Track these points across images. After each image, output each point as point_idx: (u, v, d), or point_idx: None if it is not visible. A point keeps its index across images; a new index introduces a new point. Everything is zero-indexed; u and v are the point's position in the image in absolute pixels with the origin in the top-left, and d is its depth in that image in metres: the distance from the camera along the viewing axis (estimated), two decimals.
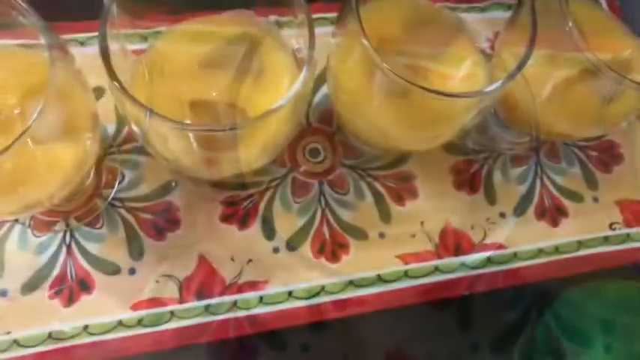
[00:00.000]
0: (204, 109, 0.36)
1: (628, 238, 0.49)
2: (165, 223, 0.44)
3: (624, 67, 0.40)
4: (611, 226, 0.49)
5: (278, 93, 0.37)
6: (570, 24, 0.34)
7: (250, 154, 0.36)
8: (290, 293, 0.44)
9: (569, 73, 0.39)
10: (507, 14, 0.38)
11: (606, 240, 0.49)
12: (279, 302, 0.43)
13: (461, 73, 0.39)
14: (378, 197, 0.47)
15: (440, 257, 0.46)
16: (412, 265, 0.46)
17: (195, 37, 0.39)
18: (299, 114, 0.36)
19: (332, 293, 0.44)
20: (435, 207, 0.48)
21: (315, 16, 0.48)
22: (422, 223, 0.47)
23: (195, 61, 0.37)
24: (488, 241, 0.47)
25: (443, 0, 0.40)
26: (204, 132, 0.32)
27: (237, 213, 0.45)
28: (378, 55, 0.32)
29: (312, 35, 0.33)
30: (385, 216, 0.47)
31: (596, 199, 0.50)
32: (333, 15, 0.52)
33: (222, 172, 0.41)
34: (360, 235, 0.46)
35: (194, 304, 0.43)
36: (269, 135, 0.35)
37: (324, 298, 0.44)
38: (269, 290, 0.44)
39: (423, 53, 0.38)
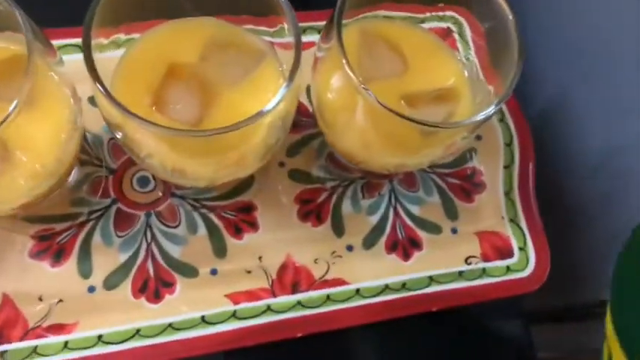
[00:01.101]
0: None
1: (484, 273, 0.46)
2: None
3: (446, 96, 0.37)
4: (467, 260, 0.47)
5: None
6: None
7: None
8: (100, 337, 0.40)
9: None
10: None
11: (460, 275, 0.46)
12: (86, 347, 0.39)
13: (264, 96, 0.36)
14: (212, 230, 0.44)
15: (274, 295, 0.43)
16: (242, 305, 0.42)
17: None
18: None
19: (147, 337, 0.40)
20: (275, 239, 0.45)
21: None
22: (260, 257, 0.44)
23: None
24: (330, 276, 0.44)
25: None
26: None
27: (51, 248, 0.42)
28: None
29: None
30: (220, 250, 0.44)
31: (454, 231, 0.47)
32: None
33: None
34: (190, 272, 0.43)
35: None
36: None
37: (137, 343, 0.40)
38: (76, 334, 0.40)
39: (221, 77, 0.35)
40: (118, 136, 0.34)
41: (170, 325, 0.41)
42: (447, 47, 0.40)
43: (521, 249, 0.47)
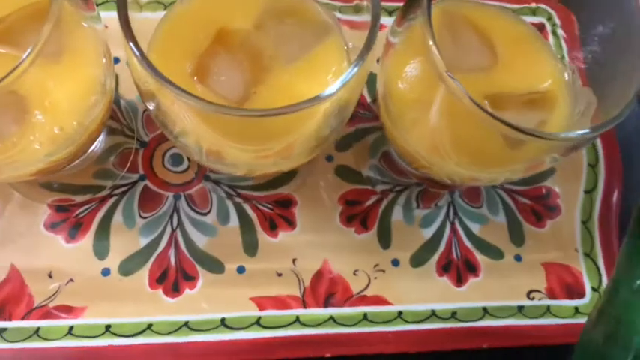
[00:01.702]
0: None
1: (547, 311, 0.40)
2: None
3: (540, 101, 0.31)
4: (529, 294, 0.40)
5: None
6: (430, 42, 0.25)
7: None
8: (108, 327, 0.36)
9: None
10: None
11: (520, 311, 0.40)
12: (92, 336, 0.35)
13: (323, 78, 0.30)
14: (245, 222, 0.39)
15: (305, 306, 0.38)
16: (268, 312, 0.37)
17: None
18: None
19: (159, 334, 0.36)
20: (313, 242, 0.39)
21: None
22: (294, 260, 0.39)
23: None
24: (370, 292, 0.39)
25: None
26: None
27: (67, 221, 0.38)
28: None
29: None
30: (250, 246, 0.39)
31: (518, 258, 0.41)
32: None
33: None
34: (215, 266, 0.38)
35: None
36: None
37: (148, 339, 0.36)
38: (83, 320, 0.36)
39: (276, 51, 0.30)
40: (150, 107, 0.29)
41: (186, 323, 0.36)
42: (546, 43, 0.33)
43: (594, 289, 0.41)
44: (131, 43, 0.25)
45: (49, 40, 0.24)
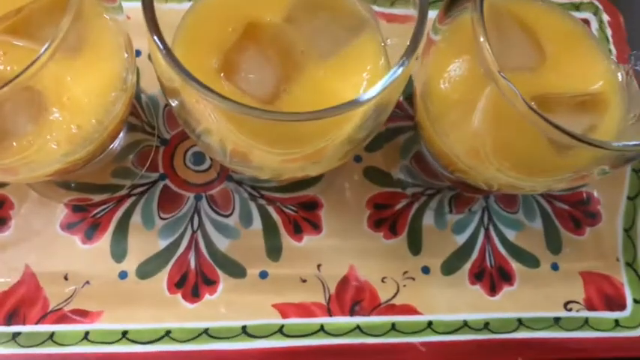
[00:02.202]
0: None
1: (586, 324, 0.38)
2: None
3: (591, 104, 0.29)
4: (566, 306, 0.38)
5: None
6: (482, 39, 0.23)
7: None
8: (124, 333, 0.34)
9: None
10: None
11: (557, 323, 0.38)
12: (108, 342, 0.34)
13: (358, 77, 0.28)
14: (269, 225, 0.37)
15: (330, 314, 0.36)
16: (291, 320, 0.36)
17: None
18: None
19: (178, 341, 0.34)
20: (339, 247, 0.38)
21: None
22: (319, 265, 0.37)
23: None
24: (398, 301, 0.37)
25: None
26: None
27: (84, 221, 0.36)
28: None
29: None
30: (274, 250, 0.37)
31: (555, 267, 0.39)
32: None
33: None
34: (236, 270, 0.36)
35: (1, 329, 0.34)
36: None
37: (166, 346, 0.34)
38: (99, 325, 0.34)
39: (308, 46, 0.28)
40: (172, 104, 0.27)
41: (206, 330, 0.35)
42: (597, 41, 0.31)
43: (636, 301, 0.39)
44: (155, 37, 0.23)
45: (68, 33, 0.22)
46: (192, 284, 0.36)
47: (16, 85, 0.21)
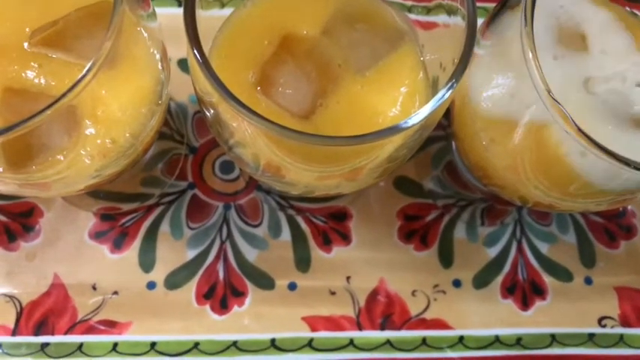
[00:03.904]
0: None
1: (620, 341, 0.37)
2: (21, 229, 0.36)
3: None
4: (600, 322, 0.37)
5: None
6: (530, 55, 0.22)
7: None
8: (153, 345, 0.34)
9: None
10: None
11: (591, 339, 0.37)
12: (137, 354, 0.34)
13: (396, 91, 0.27)
14: (298, 236, 0.37)
15: (360, 328, 0.36)
16: (321, 334, 0.35)
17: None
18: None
19: (206, 354, 0.34)
20: (369, 259, 0.37)
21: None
22: (348, 278, 0.36)
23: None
24: (429, 315, 0.36)
25: None
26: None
27: (113, 230, 0.36)
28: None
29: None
30: (303, 262, 0.37)
31: (589, 281, 0.38)
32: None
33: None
34: (265, 282, 0.36)
35: (29, 339, 0.34)
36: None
37: (194, 359, 0.34)
38: (128, 336, 0.34)
39: (345, 60, 0.27)
40: (207, 114, 0.27)
41: (234, 343, 0.34)
42: None
43: None
44: (196, 51, 0.23)
45: (110, 51, 0.21)
46: (221, 295, 0.35)
47: (59, 107, 0.20)
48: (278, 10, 0.28)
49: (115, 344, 0.34)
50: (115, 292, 0.35)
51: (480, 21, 0.28)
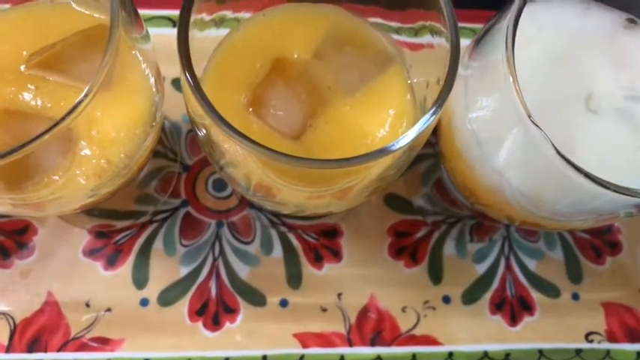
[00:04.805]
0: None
1: (607, 356, 0.38)
2: (16, 246, 0.36)
3: None
4: (587, 337, 0.38)
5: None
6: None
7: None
8: None
9: None
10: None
11: (578, 354, 0.37)
12: None
13: (384, 112, 0.28)
14: (289, 252, 0.37)
15: (350, 344, 0.36)
16: (312, 350, 0.36)
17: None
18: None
19: None
20: (360, 275, 0.37)
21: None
22: (339, 294, 0.37)
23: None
24: (419, 331, 0.37)
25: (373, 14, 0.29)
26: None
27: (106, 247, 0.36)
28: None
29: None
30: (294, 279, 0.37)
31: (576, 296, 0.39)
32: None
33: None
34: (256, 299, 0.36)
35: (23, 356, 0.34)
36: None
37: None
38: (121, 353, 0.34)
39: (335, 82, 0.28)
40: (199, 134, 0.27)
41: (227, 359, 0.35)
42: None
43: None
44: (188, 74, 0.23)
45: (107, 75, 0.22)
46: (213, 312, 0.36)
47: (57, 131, 0.21)
48: (270, 34, 0.29)
49: None
50: (109, 309, 0.35)
51: (468, 41, 0.29)
